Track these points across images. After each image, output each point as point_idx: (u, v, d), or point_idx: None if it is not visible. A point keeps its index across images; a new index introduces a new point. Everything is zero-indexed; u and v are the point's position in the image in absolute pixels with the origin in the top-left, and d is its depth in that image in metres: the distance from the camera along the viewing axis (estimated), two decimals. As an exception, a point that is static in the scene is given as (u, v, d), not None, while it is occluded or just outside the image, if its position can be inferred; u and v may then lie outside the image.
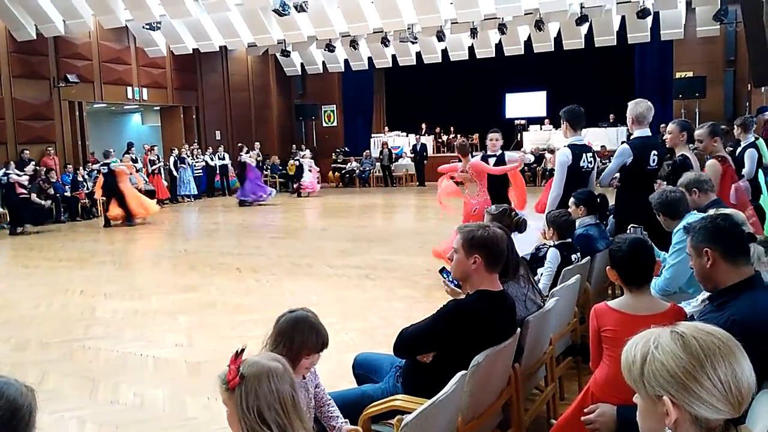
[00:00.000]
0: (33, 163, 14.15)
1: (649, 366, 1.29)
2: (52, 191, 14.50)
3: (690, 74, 18.41)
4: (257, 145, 20.70)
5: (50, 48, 16.18)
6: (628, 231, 3.86)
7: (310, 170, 19.65)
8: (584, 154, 5.29)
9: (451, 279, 2.96)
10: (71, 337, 5.66)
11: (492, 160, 7.00)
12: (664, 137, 5.97)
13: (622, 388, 1.40)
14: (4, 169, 13.42)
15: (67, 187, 15.32)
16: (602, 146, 18.10)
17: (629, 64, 20.36)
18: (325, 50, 19.06)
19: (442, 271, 3.04)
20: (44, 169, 14.78)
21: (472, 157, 7.17)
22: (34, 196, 13.70)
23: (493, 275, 2.73)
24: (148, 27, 15.43)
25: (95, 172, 15.38)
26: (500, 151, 7.09)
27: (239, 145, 18.64)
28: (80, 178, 15.64)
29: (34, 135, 15.79)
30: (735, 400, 1.24)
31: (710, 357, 1.25)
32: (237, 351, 1.71)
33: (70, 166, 15.98)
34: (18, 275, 8.73)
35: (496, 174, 6.84)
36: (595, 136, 18.33)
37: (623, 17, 17.05)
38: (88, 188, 15.62)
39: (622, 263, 2.68)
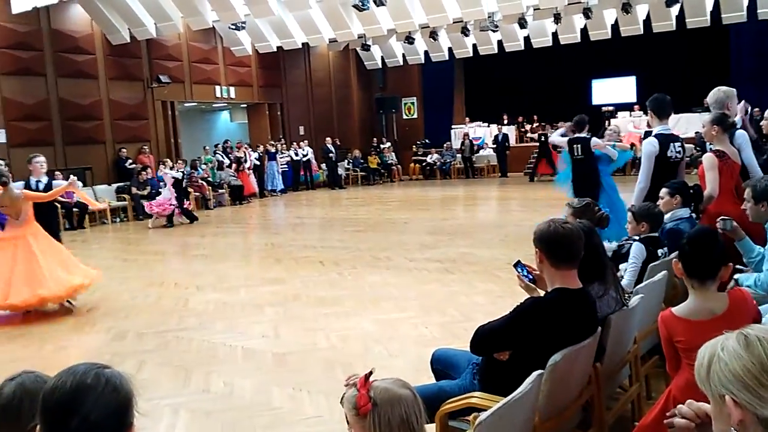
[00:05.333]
0: (130, 161, 14.90)
1: (715, 366, 1.30)
2: (147, 188, 15.25)
3: (791, 54, 17.25)
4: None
5: (143, 50, 16.96)
6: (716, 222, 3.67)
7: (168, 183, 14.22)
8: (672, 144, 5.09)
9: (525, 273, 2.92)
10: (166, 327, 5.96)
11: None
12: (761, 123, 5.64)
13: (702, 392, 1.38)
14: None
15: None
16: (696, 132, 17.21)
17: (724, 46, 19.28)
18: (404, 42, 19.07)
19: (517, 265, 2.99)
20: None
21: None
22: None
23: (564, 272, 2.66)
24: (233, 27, 15.89)
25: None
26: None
27: None
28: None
29: (130, 134, 16.65)
30: None
31: None
32: (366, 375, 1.68)
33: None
34: (117, 268, 9.22)
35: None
36: (688, 122, 17.47)
37: (717, -4, 16.15)
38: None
39: (684, 251, 2.58)
